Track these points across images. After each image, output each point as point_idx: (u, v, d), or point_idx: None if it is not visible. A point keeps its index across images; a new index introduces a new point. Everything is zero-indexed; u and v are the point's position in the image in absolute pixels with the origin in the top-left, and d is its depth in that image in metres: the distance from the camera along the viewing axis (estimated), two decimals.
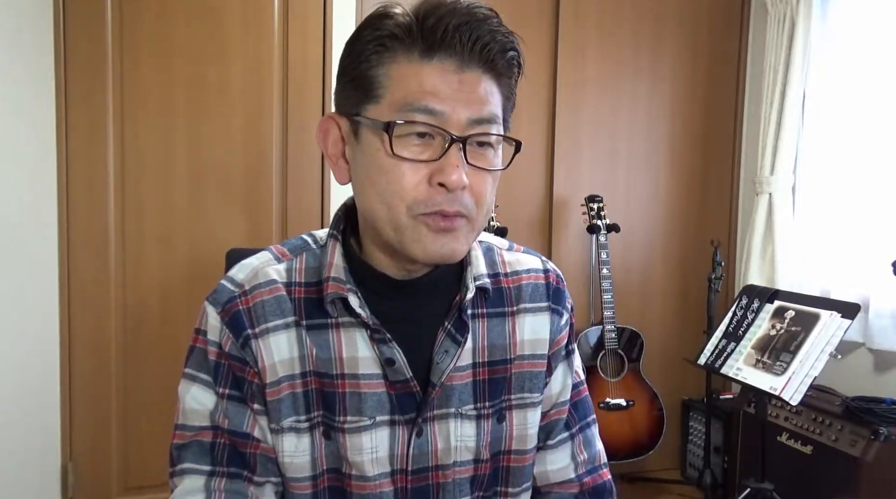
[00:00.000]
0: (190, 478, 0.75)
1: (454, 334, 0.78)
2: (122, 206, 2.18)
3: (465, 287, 0.79)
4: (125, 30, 2.13)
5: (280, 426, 0.76)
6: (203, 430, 0.76)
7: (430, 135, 0.69)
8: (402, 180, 0.68)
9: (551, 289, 0.87)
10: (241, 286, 0.78)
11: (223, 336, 0.76)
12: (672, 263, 2.86)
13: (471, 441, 0.80)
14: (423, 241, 0.70)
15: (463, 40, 0.67)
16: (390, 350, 0.75)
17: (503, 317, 0.83)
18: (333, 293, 0.75)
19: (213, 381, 0.77)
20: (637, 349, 2.60)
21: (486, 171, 0.72)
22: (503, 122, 0.74)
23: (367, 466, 0.76)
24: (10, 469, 1.87)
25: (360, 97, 0.71)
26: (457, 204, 0.69)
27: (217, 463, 0.76)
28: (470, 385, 0.80)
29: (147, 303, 2.22)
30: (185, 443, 0.77)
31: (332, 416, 0.76)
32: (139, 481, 2.23)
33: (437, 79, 0.68)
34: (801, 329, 1.82)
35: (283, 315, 0.76)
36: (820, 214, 2.49)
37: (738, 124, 2.89)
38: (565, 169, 2.69)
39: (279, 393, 0.76)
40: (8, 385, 1.86)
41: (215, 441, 0.76)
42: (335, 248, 0.78)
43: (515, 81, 0.75)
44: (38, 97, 2.01)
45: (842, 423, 1.99)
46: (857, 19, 2.36)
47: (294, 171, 2.33)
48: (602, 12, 2.68)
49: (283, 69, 2.29)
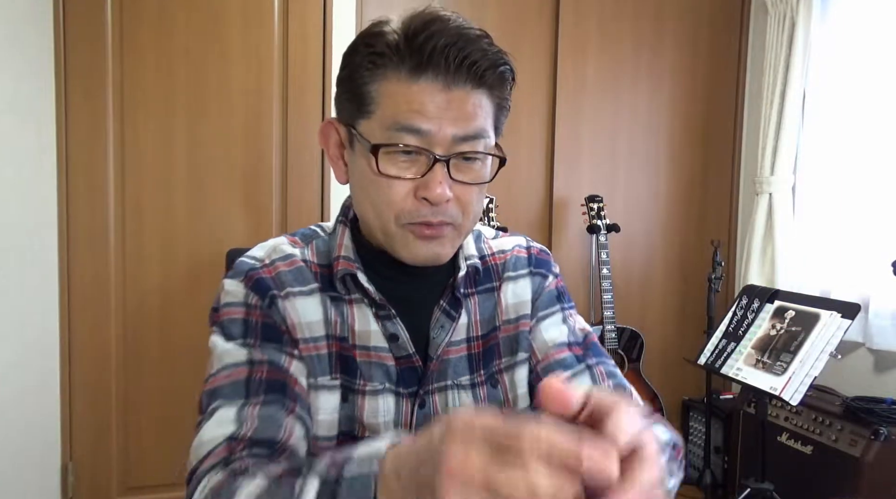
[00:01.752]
0: (222, 410, 0.70)
1: (449, 311, 0.83)
2: (122, 206, 2.18)
3: (458, 267, 0.84)
4: (125, 30, 2.13)
5: (316, 383, 0.77)
6: (238, 367, 0.73)
7: (417, 152, 0.71)
8: (389, 193, 0.72)
9: (533, 258, 0.91)
10: (262, 260, 0.80)
11: (250, 298, 0.77)
12: (672, 263, 2.86)
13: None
14: (410, 246, 0.75)
15: (450, 60, 0.69)
16: (394, 326, 0.80)
17: (492, 291, 0.88)
18: (344, 270, 0.79)
19: (243, 339, 0.75)
20: (637, 349, 2.60)
21: (471, 184, 0.74)
22: (495, 129, 0.77)
23: (381, 428, 0.79)
24: (10, 469, 1.87)
25: (354, 110, 0.74)
26: (441, 215, 0.73)
27: (252, 394, 0.71)
28: (465, 358, 0.84)
29: (147, 303, 2.22)
30: (217, 386, 0.72)
31: (351, 379, 0.79)
32: (139, 481, 2.23)
33: (425, 97, 0.70)
34: (801, 329, 1.82)
35: (307, 283, 0.80)
36: (820, 215, 2.49)
37: (738, 124, 2.89)
38: (565, 169, 2.69)
39: (310, 351, 0.77)
40: (8, 385, 1.86)
41: (251, 377, 0.73)
42: (344, 231, 0.83)
43: (508, 90, 0.77)
44: (39, 97, 2.01)
45: (842, 423, 1.99)
46: (857, 19, 2.36)
47: (294, 171, 2.33)
48: (602, 12, 2.68)
49: (283, 69, 2.29)
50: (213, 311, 0.80)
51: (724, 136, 2.89)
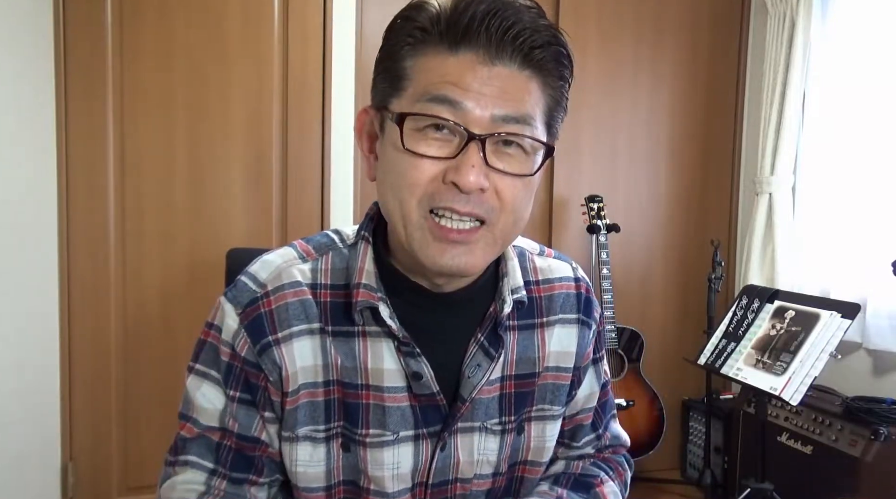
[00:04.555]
0: (193, 471, 0.74)
1: (487, 348, 0.74)
2: (122, 206, 2.17)
3: (502, 300, 0.74)
4: (125, 30, 2.13)
5: (295, 435, 0.73)
6: (211, 429, 0.74)
7: (450, 130, 0.63)
8: (414, 173, 0.63)
9: (582, 299, 0.83)
10: (264, 286, 0.73)
11: (239, 340, 0.72)
12: (672, 263, 2.86)
13: (492, 455, 0.78)
14: (429, 248, 0.65)
15: (491, 30, 0.61)
16: (418, 364, 0.71)
17: (533, 329, 0.79)
18: (364, 301, 0.70)
19: (223, 381, 0.74)
20: (637, 349, 2.60)
21: (512, 175, 0.65)
22: (548, 127, 0.68)
23: (387, 481, 0.74)
24: (10, 469, 1.87)
25: (388, 89, 0.67)
26: (471, 205, 0.63)
27: (220, 464, 0.74)
28: (496, 399, 0.77)
29: (147, 303, 2.22)
30: (193, 437, 0.74)
31: (353, 428, 0.73)
32: (139, 481, 2.23)
33: (463, 69, 0.62)
34: (801, 329, 1.82)
35: (308, 320, 0.72)
36: (820, 215, 2.49)
37: (738, 124, 2.89)
38: (565, 169, 2.69)
39: (297, 401, 0.72)
40: (8, 385, 1.86)
41: (222, 443, 0.74)
42: (366, 251, 0.73)
43: (565, 82, 0.68)
44: (38, 97, 2.01)
45: (842, 423, 1.99)
46: (858, 19, 2.36)
47: (294, 171, 2.32)
48: (602, 12, 2.67)
49: (283, 69, 2.28)
50: (207, 326, 0.75)
51: (724, 136, 2.89)
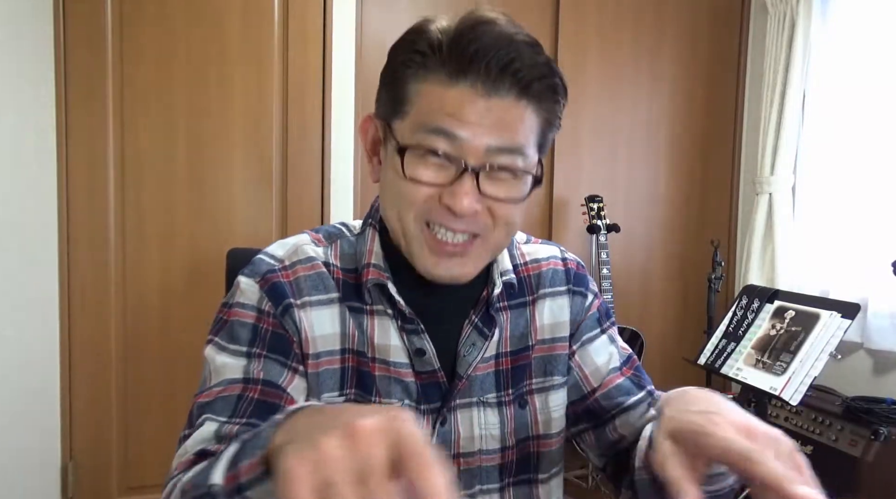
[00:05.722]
0: (205, 426, 0.69)
1: (481, 328, 0.79)
2: (122, 206, 2.18)
3: (493, 283, 0.80)
4: (125, 31, 2.13)
5: (318, 401, 0.74)
6: (232, 384, 0.71)
7: (447, 158, 0.67)
8: (412, 193, 0.69)
9: (571, 274, 0.87)
10: (282, 261, 0.77)
11: (262, 303, 0.74)
12: (672, 263, 2.86)
13: (495, 429, 0.80)
14: (425, 260, 0.71)
15: (491, 64, 0.64)
16: (420, 341, 0.76)
17: (524, 306, 0.83)
18: (374, 279, 0.75)
19: (249, 343, 0.73)
20: (637, 349, 2.60)
21: (503, 200, 0.69)
22: (539, 146, 0.72)
23: None
24: (10, 469, 1.87)
25: (391, 108, 0.71)
26: (464, 224, 0.69)
27: (237, 415, 0.70)
28: (492, 375, 0.81)
29: (147, 303, 2.22)
30: (210, 400, 0.71)
31: (365, 395, 0.76)
32: (139, 481, 2.23)
33: (463, 101, 0.66)
34: (801, 329, 1.82)
35: (326, 291, 0.76)
36: (820, 215, 2.49)
37: (738, 124, 2.89)
38: (565, 169, 2.69)
39: (318, 367, 0.74)
40: (8, 385, 1.86)
41: (243, 394, 0.71)
42: (374, 237, 0.78)
43: (559, 105, 0.71)
44: (39, 97, 2.01)
45: (842, 423, 1.99)
46: (857, 19, 2.36)
47: (294, 171, 2.33)
48: (602, 12, 2.68)
49: (283, 70, 2.29)
50: (225, 305, 0.76)
51: (724, 136, 2.89)
